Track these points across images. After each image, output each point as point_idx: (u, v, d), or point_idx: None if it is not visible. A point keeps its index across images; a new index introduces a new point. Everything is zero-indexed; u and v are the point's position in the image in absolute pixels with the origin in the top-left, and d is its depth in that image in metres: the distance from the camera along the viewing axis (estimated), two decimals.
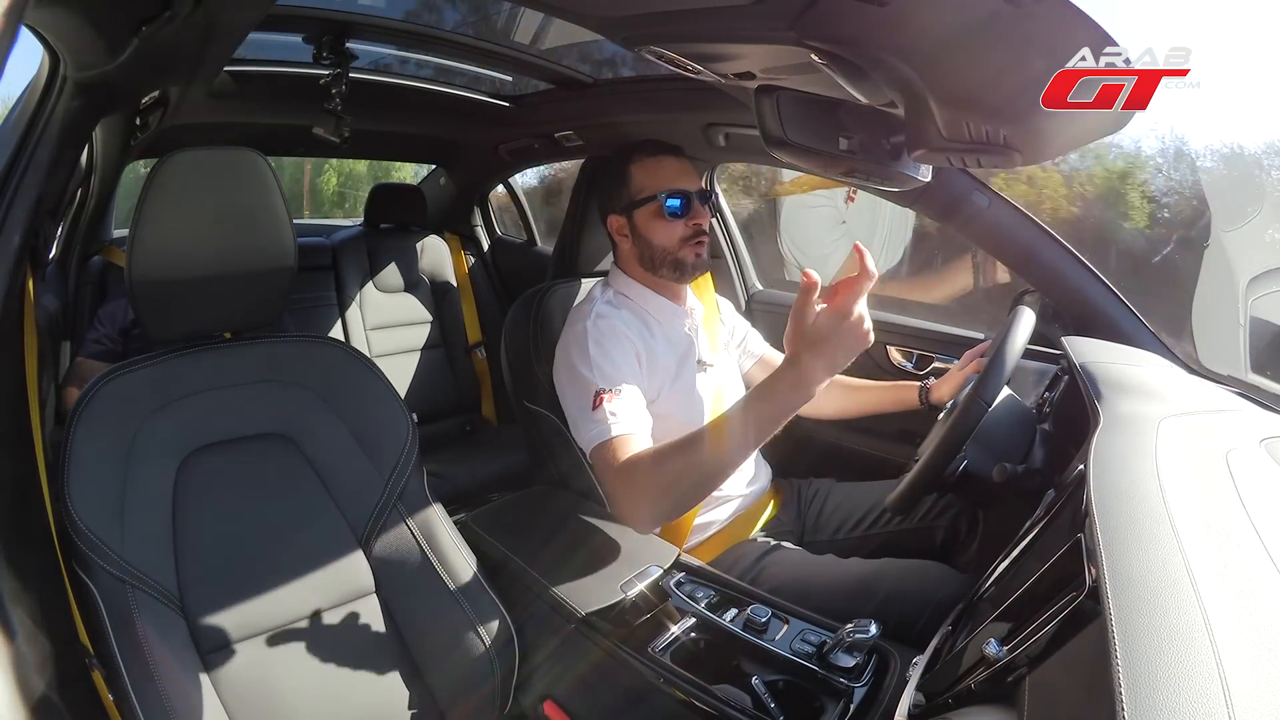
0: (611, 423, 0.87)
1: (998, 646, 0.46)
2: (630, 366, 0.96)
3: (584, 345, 0.95)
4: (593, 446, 0.89)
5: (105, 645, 0.63)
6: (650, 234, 1.05)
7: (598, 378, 0.92)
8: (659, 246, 1.04)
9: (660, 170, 1.05)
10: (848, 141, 0.80)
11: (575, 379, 0.95)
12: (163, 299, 0.76)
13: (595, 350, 0.94)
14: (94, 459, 0.69)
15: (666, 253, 1.04)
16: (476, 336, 2.26)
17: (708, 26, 0.74)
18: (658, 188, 1.03)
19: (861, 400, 1.21)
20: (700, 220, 1.04)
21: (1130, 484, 0.50)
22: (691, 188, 1.04)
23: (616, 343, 0.97)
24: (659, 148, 1.07)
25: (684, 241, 1.04)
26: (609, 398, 0.89)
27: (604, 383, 0.91)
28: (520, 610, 0.82)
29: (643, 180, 1.05)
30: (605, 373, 0.92)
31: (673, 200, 1.02)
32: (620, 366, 0.94)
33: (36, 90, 0.83)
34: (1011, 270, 1.20)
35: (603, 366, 0.93)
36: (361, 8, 1.27)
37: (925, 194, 1.12)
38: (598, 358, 0.94)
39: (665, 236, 1.04)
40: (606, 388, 0.90)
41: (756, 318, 1.56)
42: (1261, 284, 1.12)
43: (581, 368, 0.94)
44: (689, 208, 1.04)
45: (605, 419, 0.88)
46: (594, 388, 0.91)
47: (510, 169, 2.37)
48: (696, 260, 1.05)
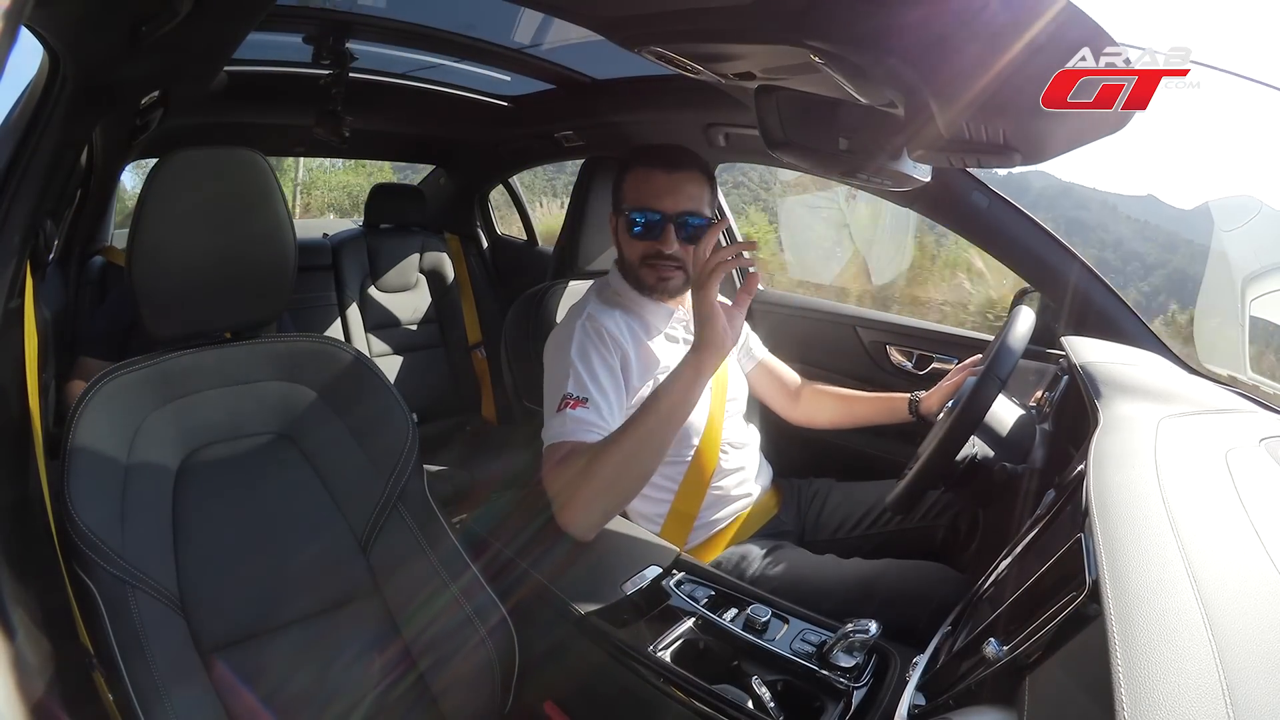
0: (568, 427, 0.89)
1: (998, 646, 0.47)
2: (606, 377, 0.96)
3: (567, 347, 0.96)
4: (546, 445, 0.91)
5: (105, 645, 0.63)
6: (621, 243, 1.06)
7: (570, 383, 0.93)
8: (625, 258, 1.06)
9: (644, 185, 1.01)
10: (848, 141, 0.80)
11: (552, 376, 0.97)
12: (163, 298, 0.76)
13: (577, 355, 0.95)
14: (94, 458, 0.69)
15: (630, 267, 1.05)
16: (476, 336, 2.26)
17: (707, 26, 0.74)
18: (631, 202, 1.02)
19: (853, 412, 1.22)
20: (660, 246, 1.00)
21: (1130, 484, 0.50)
22: (668, 209, 0.99)
23: (599, 350, 0.97)
24: (654, 160, 1.02)
25: (643, 260, 1.02)
26: (574, 405, 0.90)
27: (575, 389, 0.92)
28: (520, 610, 0.82)
29: (627, 189, 1.04)
30: (579, 380, 0.93)
31: (636, 220, 1.01)
32: (595, 377, 0.94)
33: (36, 90, 0.83)
34: (1012, 270, 1.20)
35: (578, 374, 0.93)
36: (361, 8, 1.27)
37: (925, 194, 1.12)
38: (577, 362, 0.94)
39: (630, 251, 1.04)
40: (575, 395, 0.91)
41: (756, 318, 1.56)
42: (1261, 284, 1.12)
43: (558, 368, 0.95)
44: (655, 232, 1.00)
45: (565, 424, 0.89)
46: (562, 391, 0.92)
47: (510, 169, 2.37)
48: (657, 283, 1.02)
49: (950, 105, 0.62)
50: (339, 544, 0.82)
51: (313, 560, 0.80)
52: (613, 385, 0.96)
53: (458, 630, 0.79)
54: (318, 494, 0.83)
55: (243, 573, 0.76)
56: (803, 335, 1.52)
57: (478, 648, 0.78)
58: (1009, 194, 1.15)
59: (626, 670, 0.71)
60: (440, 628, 0.80)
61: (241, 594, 0.75)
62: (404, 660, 0.80)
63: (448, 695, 0.79)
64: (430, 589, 0.81)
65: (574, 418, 0.89)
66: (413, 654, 0.81)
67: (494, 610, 0.80)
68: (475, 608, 0.80)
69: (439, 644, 0.80)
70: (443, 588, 0.80)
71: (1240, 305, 1.12)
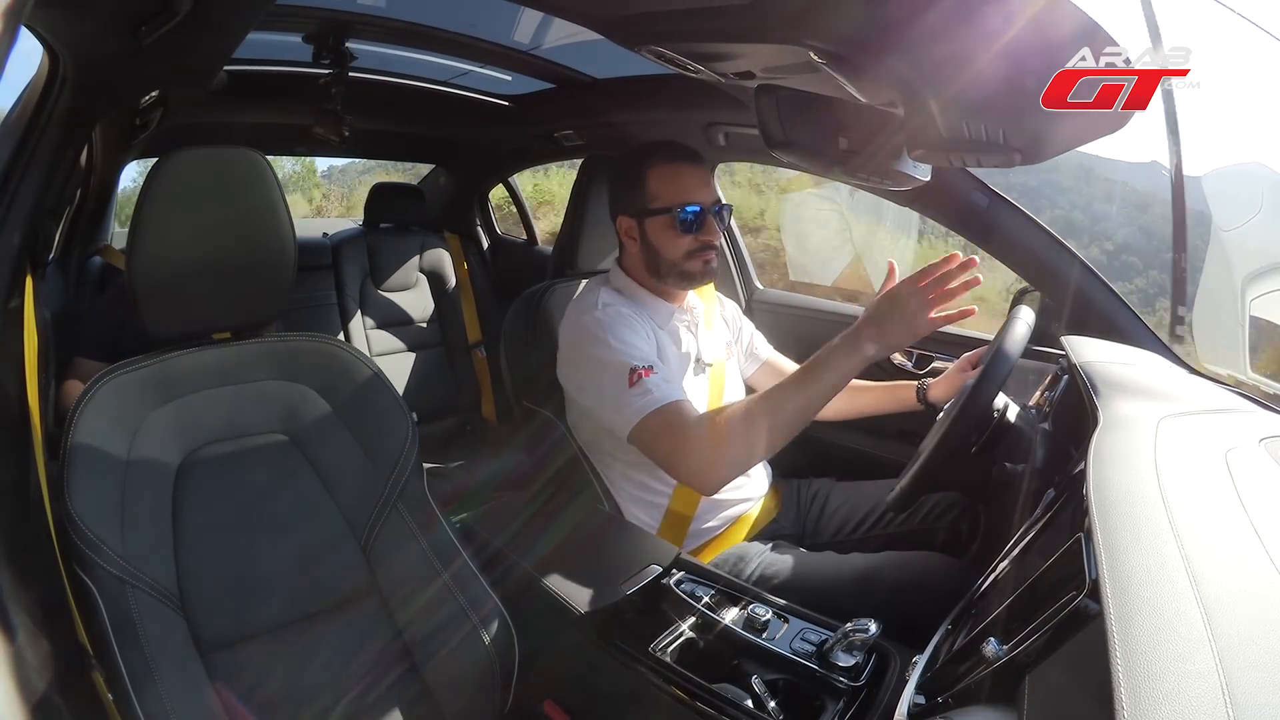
0: (659, 392, 0.88)
1: (998, 645, 0.47)
2: (649, 346, 0.98)
3: (601, 333, 0.95)
4: (643, 417, 0.88)
5: (105, 645, 0.63)
6: (660, 244, 1.03)
7: (630, 356, 0.92)
8: (666, 258, 1.04)
9: (678, 180, 1.01)
10: (848, 141, 0.80)
11: (602, 365, 0.93)
12: (163, 298, 0.76)
13: (613, 335, 0.94)
14: (94, 458, 0.69)
15: (673, 264, 1.03)
16: (476, 336, 2.26)
17: (707, 26, 0.74)
18: (673, 199, 1.01)
19: (861, 401, 1.21)
20: (711, 237, 1.02)
21: (1130, 483, 0.50)
22: (707, 200, 1.02)
23: (630, 327, 0.97)
24: (678, 154, 1.03)
25: (690, 255, 1.03)
26: (646, 373, 0.90)
27: (637, 360, 0.91)
28: (521, 609, 0.82)
29: (658, 188, 1.02)
30: (633, 352, 0.93)
31: (686, 215, 1.00)
32: (642, 349, 0.95)
33: (36, 90, 0.83)
34: (1011, 269, 1.20)
35: (628, 348, 0.93)
36: (361, 7, 1.27)
37: (925, 194, 1.12)
38: (619, 342, 0.94)
39: (674, 249, 1.03)
40: (641, 364, 0.91)
41: (756, 318, 1.56)
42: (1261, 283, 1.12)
43: (604, 353, 0.93)
44: (702, 223, 1.01)
45: (650, 390, 0.88)
46: (627, 366, 0.91)
47: (510, 169, 2.37)
48: (704, 269, 1.04)
49: (950, 105, 0.62)
50: (339, 543, 0.82)
51: (312, 559, 0.80)
52: (658, 353, 0.98)
53: (457, 629, 0.79)
54: (317, 493, 0.83)
55: (242, 571, 0.76)
56: (804, 335, 1.52)
57: (477, 646, 0.78)
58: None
59: (626, 669, 0.72)
60: (440, 626, 0.80)
61: (241, 593, 0.75)
62: (404, 659, 0.81)
63: (448, 694, 0.79)
64: (430, 588, 0.81)
65: (655, 383, 0.89)
66: (413, 652, 0.81)
67: (494, 609, 0.80)
68: (475, 607, 0.80)
69: (439, 642, 0.80)
70: (442, 587, 0.80)
71: (1240, 305, 1.12)
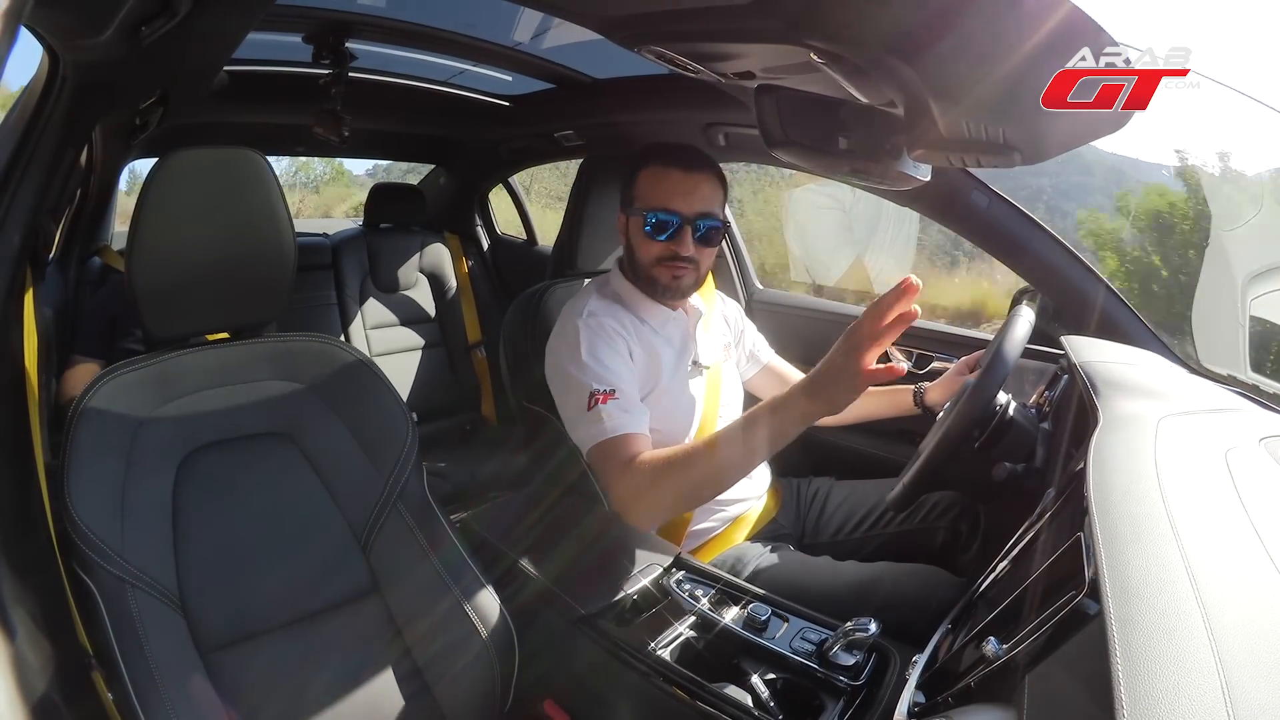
0: (609, 423, 0.88)
1: (997, 645, 0.47)
2: (622, 364, 0.96)
3: (575, 346, 0.95)
4: (590, 446, 0.89)
5: (105, 645, 0.63)
6: (634, 244, 1.04)
7: (591, 379, 0.92)
8: (638, 259, 1.04)
9: (661, 184, 1.00)
10: (848, 141, 0.80)
11: (569, 381, 0.94)
12: (162, 298, 0.76)
13: (586, 351, 0.94)
14: (94, 458, 0.69)
15: (643, 268, 1.03)
16: (476, 336, 2.26)
17: (707, 26, 0.74)
18: (649, 202, 1.00)
19: (857, 407, 1.21)
20: (678, 248, 0.99)
21: (1130, 483, 0.50)
22: (686, 210, 0.98)
23: (607, 341, 0.96)
24: (671, 158, 1.01)
25: (659, 262, 1.01)
26: (604, 398, 0.90)
27: (598, 384, 0.91)
28: (521, 609, 0.82)
29: (642, 189, 1.02)
30: (598, 373, 0.92)
31: (653, 218, 0.99)
32: (611, 366, 0.94)
33: (36, 90, 0.83)
34: (1012, 269, 1.20)
35: (594, 368, 0.93)
36: (361, 7, 1.27)
37: (925, 193, 1.12)
38: (589, 359, 0.94)
39: (644, 252, 1.02)
40: (601, 389, 0.91)
41: (756, 318, 1.56)
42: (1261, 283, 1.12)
43: (573, 370, 0.94)
44: (673, 233, 0.99)
45: (601, 419, 0.88)
46: (588, 389, 0.91)
47: (510, 169, 2.37)
48: (671, 283, 1.01)
49: (950, 105, 0.62)
50: (339, 543, 0.82)
51: (312, 559, 0.80)
52: (629, 375, 0.96)
53: (457, 629, 0.79)
54: (317, 493, 0.83)
55: (242, 571, 0.76)
56: (805, 335, 1.52)
57: (477, 646, 0.78)
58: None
59: (626, 669, 0.71)
60: (440, 626, 0.80)
61: (241, 593, 0.75)
62: (404, 659, 0.81)
63: (448, 693, 0.79)
64: (430, 588, 0.81)
65: (610, 411, 0.89)
66: (412, 652, 0.81)
67: (493, 609, 0.80)
68: (475, 607, 0.80)
69: (438, 642, 0.80)
70: (442, 587, 0.80)
71: (1240, 305, 1.12)
